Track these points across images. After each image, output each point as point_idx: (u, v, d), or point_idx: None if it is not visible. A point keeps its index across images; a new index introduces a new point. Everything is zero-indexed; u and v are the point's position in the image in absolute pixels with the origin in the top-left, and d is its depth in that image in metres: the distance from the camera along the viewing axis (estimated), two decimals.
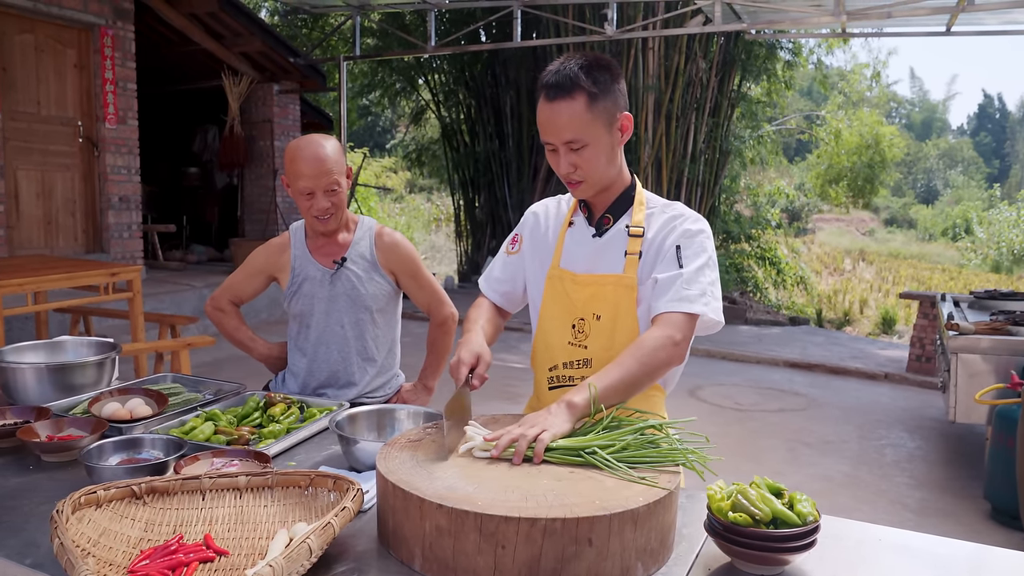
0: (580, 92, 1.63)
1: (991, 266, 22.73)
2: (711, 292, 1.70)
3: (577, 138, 1.66)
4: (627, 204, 1.80)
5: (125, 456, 1.66)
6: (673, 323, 1.65)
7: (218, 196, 10.93)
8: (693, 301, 1.66)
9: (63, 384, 2.13)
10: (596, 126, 1.66)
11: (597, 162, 1.70)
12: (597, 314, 1.77)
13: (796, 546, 1.26)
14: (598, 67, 1.67)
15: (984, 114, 52.99)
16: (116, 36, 7.74)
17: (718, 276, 1.74)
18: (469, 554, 1.20)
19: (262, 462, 1.59)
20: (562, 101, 1.64)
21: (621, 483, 1.33)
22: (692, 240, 1.73)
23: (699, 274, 1.69)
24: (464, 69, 13.02)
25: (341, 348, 2.43)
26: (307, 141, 2.29)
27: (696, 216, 1.78)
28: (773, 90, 13.76)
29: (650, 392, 1.80)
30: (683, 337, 1.65)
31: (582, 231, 1.84)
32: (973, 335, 4.39)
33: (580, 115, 1.64)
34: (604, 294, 1.76)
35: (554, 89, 1.65)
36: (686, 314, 1.66)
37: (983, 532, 3.91)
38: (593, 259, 1.80)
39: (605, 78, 1.66)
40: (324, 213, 2.31)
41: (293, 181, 2.29)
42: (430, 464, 1.40)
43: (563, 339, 1.81)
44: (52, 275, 4.53)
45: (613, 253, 1.78)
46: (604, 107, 1.66)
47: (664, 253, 1.73)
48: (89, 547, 1.26)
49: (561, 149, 1.69)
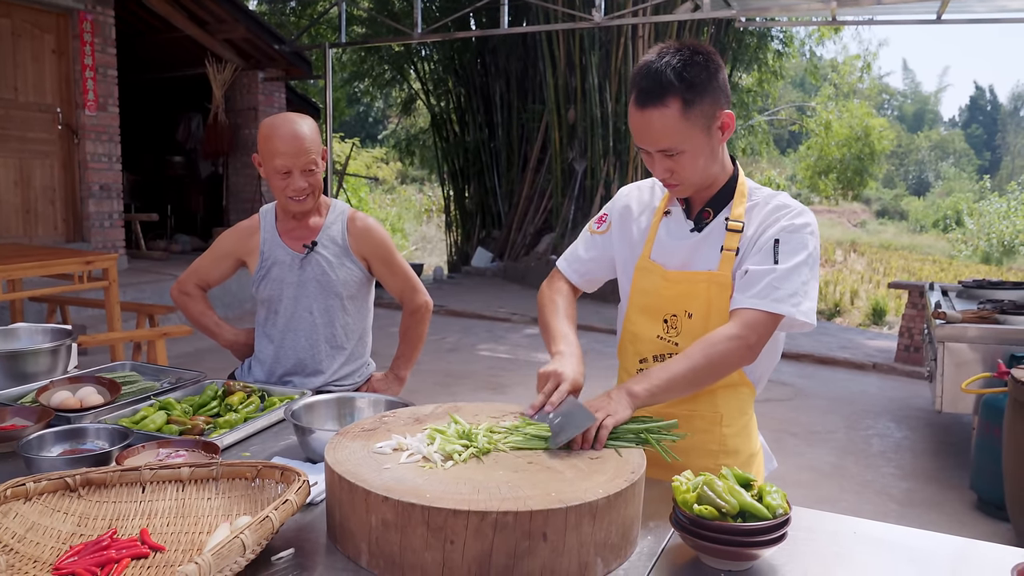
0: (674, 99, 1.49)
1: (981, 257, 22.77)
2: (803, 292, 1.56)
3: (672, 146, 1.53)
4: (729, 196, 1.66)
5: (68, 447, 1.58)
6: (751, 323, 1.53)
7: (202, 185, 10.80)
8: (781, 301, 1.53)
9: (15, 372, 2.06)
10: (693, 132, 1.52)
11: (695, 166, 1.56)
12: (689, 312, 1.65)
13: (765, 540, 1.20)
14: (693, 65, 1.50)
15: (975, 106, 53.03)
16: (95, 21, 7.60)
17: (817, 274, 1.60)
18: (416, 549, 1.13)
19: (211, 453, 1.52)
20: (654, 109, 1.50)
21: (580, 474, 1.26)
22: (793, 235, 1.59)
23: (794, 272, 1.55)
24: (453, 57, 12.91)
25: (309, 335, 2.35)
26: (283, 119, 2.20)
27: (801, 209, 1.63)
28: (764, 79, 13.71)
29: (741, 389, 1.71)
30: (758, 340, 1.54)
31: (679, 223, 1.70)
32: (960, 324, 4.34)
33: (674, 123, 1.50)
34: (697, 291, 1.64)
35: (644, 95, 1.51)
36: (769, 314, 1.54)
37: (968, 523, 3.86)
38: (689, 254, 1.67)
39: (702, 77, 1.50)
40: (300, 193, 2.23)
41: (268, 159, 2.19)
42: (382, 455, 1.33)
43: (652, 332, 1.70)
44: (26, 263, 4.43)
45: (710, 248, 1.65)
46: (701, 111, 1.51)
47: (761, 247, 1.60)
48: (13, 543, 1.19)
49: (656, 155, 1.56)
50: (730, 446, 1.70)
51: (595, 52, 11.01)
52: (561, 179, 11.65)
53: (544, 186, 12.04)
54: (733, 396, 1.70)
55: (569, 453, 1.36)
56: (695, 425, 1.68)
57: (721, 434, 1.69)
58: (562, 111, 11.42)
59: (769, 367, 1.74)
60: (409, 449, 1.34)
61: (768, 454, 1.87)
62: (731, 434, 1.70)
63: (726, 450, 1.69)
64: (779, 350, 1.76)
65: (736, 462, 1.68)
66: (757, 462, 1.78)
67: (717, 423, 1.69)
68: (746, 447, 1.73)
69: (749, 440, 1.75)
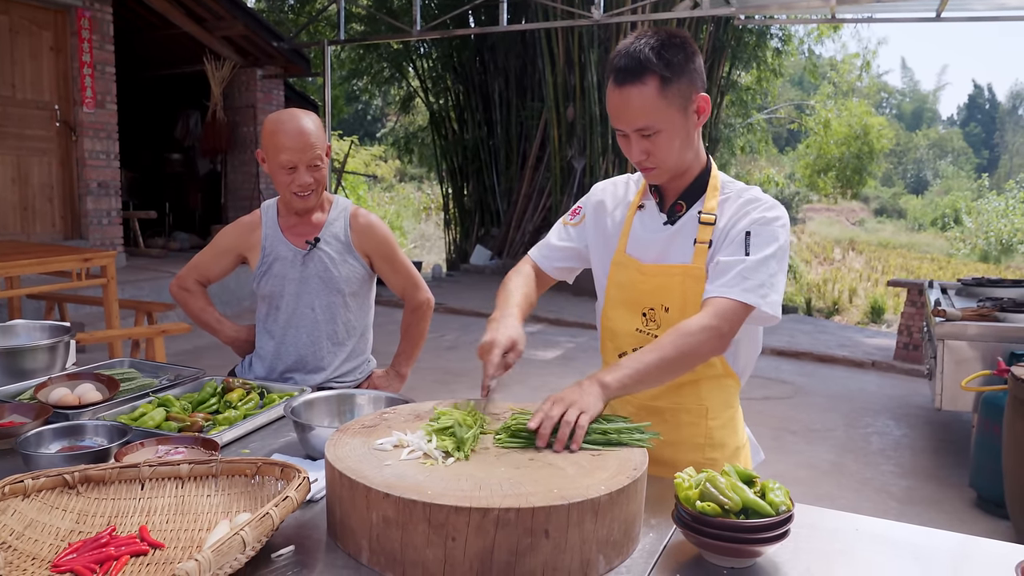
0: (651, 76, 1.50)
1: (979, 255, 22.80)
2: (770, 284, 1.56)
3: (649, 125, 1.53)
4: (701, 189, 1.66)
5: (66, 444, 1.58)
6: (722, 312, 1.53)
7: (201, 182, 10.78)
8: (749, 291, 1.54)
9: (13, 369, 2.05)
10: (670, 111, 1.53)
11: (671, 148, 1.57)
12: (665, 305, 1.65)
13: (768, 537, 1.19)
14: (671, 46, 1.52)
15: (974, 104, 53.02)
16: (93, 18, 7.58)
17: (785, 268, 1.61)
18: (418, 546, 1.12)
19: (210, 450, 1.51)
20: (632, 86, 1.51)
21: (582, 471, 1.25)
22: (764, 228, 1.59)
23: (763, 264, 1.56)
24: (452, 55, 12.89)
25: (311, 331, 2.34)
26: (289, 114, 2.19)
27: (772, 203, 1.64)
28: (763, 78, 13.70)
29: (726, 382, 1.71)
30: (730, 328, 1.54)
31: (652, 217, 1.71)
32: (960, 321, 4.34)
33: (652, 101, 1.51)
34: (672, 285, 1.65)
35: (623, 73, 1.52)
36: (739, 303, 1.54)
37: (968, 520, 3.86)
38: (663, 248, 1.67)
39: (679, 58, 1.52)
40: (305, 189, 2.21)
41: (273, 155, 2.17)
42: (383, 452, 1.32)
43: (631, 326, 1.71)
44: (24, 260, 4.42)
45: (683, 241, 1.66)
46: (678, 90, 1.52)
47: (733, 238, 1.60)
48: (12, 540, 1.18)
49: (632, 136, 1.57)
50: (716, 439, 1.70)
51: (594, 50, 11.00)
52: (560, 177, 11.63)
53: (543, 184, 12.03)
54: (718, 388, 1.70)
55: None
56: (681, 419, 1.69)
57: (707, 427, 1.69)
58: (561, 109, 11.41)
59: (752, 358, 1.74)
60: (410, 446, 1.33)
61: (755, 446, 1.87)
62: (717, 427, 1.70)
63: (712, 443, 1.70)
64: (759, 341, 1.76)
65: (723, 455, 1.69)
66: (744, 455, 1.78)
67: (703, 416, 1.69)
68: (732, 440, 1.74)
69: (735, 433, 1.75)
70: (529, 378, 6.17)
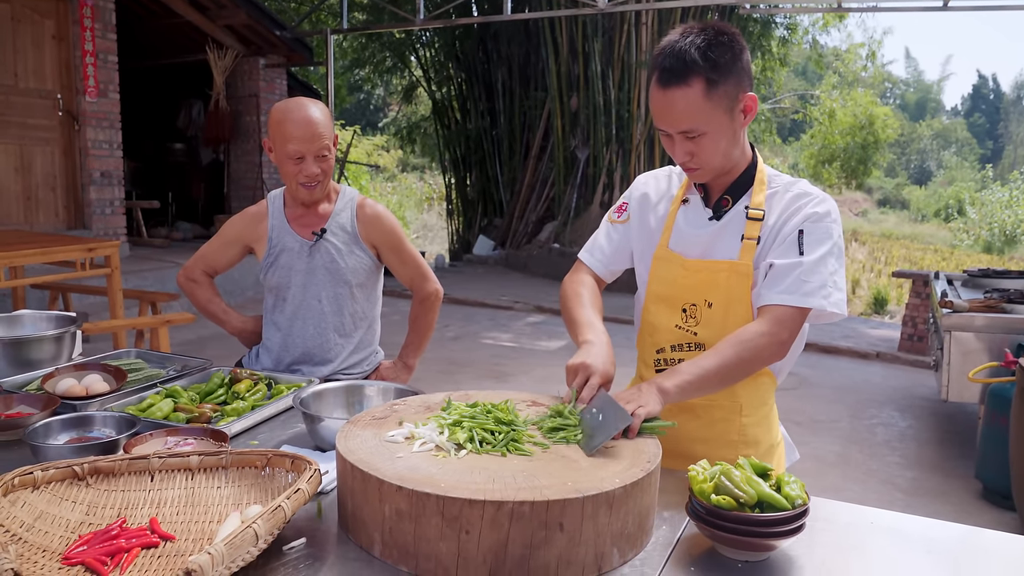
0: (697, 78, 1.45)
1: (983, 246, 22.73)
2: (832, 282, 1.53)
3: (694, 128, 1.49)
4: (748, 184, 1.62)
5: (74, 435, 1.57)
6: (781, 319, 1.51)
7: (204, 172, 10.76)
8: (811, 294, 1.51)
9: (19, 359, 2.04)
10: (716, 113, 1.49)
11: (716, 149, 1.53)
12: (709, 301, 1.62)
13: (783, 531, 1.18)
14: (718, 45, 1.47)
15: (978, 95, 52.78)
16: (96, 7, 7.54)
17: (843, 262, 1.58)
18: (431, 539, 1.11)
19: (219, 441, 1.50)
20: (676, 88, 1.47)
21: (596, 463, 1.24)
22: (817, 225, 1.55)
23: (821, 263, 1.53)
24: (455, 44, 12.82)
25: (318, 323, 2.33)
26: (296, 103, 2.17)
27: (822, 197, 1.59)
28: (768, 67, 13.62)
29: (761, 379, 1.68)
30: (789, 335, 1.52)
31: (697, 212, 1.67)
32: (967, 313, 4.32)
33: (697, 104, 1.47)
34: (717, 281, 1.61)
35: (667, 74, 1.47)
36: (798, 308, 1.52)
37: (974, 512, 3.86)
38: (708, 244, 1.64)
39: (726, 57, 1.47)
40: (312, 180, 2.20)
41: (280, 144, 2.15)
42: (394, 444, 1.31)
43: (671, 322, 1.67)
44: (28, 250, 4.40)
45: (729, 237, 1.62)
46: (725, 91, 1.48)
47: (785, 237, 1.56)
48: (22, 532, 1.17)
49: (676, 137, 1.53)
50: (750, 436, 1.68)
51: (598, 39, 10.94)
52: (563, 167, 11.60)
53: (546, 174, 11.99)
54: (753, 386, 1.67)
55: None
56: (714, 415, 1.67)
57: (741, 424, 1.67)
58: (564, 98, 11.36)
59: (792, 358, 1.70)
60: (421, 437, 1.32)
61: (790, 445, 1.85)
62: (751, 424, 1.68)
63: (746, 440, 1.67)
64: (803, 341, 1.73)
65: (756, 452, 1.66)
66: (778, 453, 1.76)
67: (737, 413, 1.66)
68: (766, 437, 1.71)
69: (770, 430, 1.73)
70: (533, 369, 6.16)
